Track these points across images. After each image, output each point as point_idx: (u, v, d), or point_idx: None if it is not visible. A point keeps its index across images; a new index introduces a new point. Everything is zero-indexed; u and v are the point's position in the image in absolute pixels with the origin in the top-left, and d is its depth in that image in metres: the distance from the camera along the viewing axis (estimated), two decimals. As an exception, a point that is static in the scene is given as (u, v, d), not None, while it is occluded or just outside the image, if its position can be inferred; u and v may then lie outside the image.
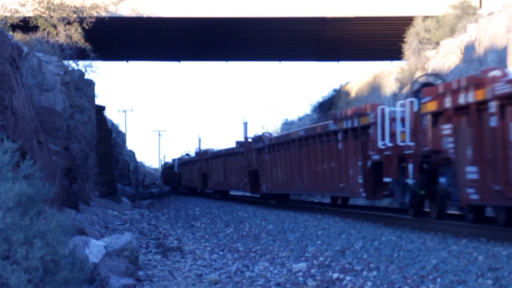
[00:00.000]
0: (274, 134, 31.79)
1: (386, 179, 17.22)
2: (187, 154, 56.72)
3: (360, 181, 18.95)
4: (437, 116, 14.55)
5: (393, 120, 17.11)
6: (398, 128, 16.66)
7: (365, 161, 18.67)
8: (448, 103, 13.79)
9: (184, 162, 54.03)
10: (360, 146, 19.07)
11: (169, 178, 68.46)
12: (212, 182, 41.21)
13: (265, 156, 28.61)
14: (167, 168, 72.51)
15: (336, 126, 20.90)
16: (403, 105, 16.64)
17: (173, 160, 63.20)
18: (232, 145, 35.03)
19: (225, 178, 37.45)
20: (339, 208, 22.67)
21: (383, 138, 17.41)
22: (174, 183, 62.03)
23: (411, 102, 16.00)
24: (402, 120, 16.46)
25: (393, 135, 16.96)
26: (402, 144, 16.34)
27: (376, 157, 17.89)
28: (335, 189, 21.70)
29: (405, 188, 16.10)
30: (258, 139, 29.91)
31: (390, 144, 17.06)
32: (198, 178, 45.73)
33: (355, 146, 19.54)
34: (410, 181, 15.76)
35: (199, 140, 52.33)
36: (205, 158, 42.85)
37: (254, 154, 30.17)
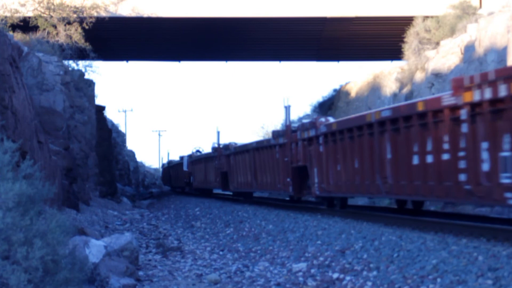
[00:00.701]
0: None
1: None
2: (198, 151, 49.85)
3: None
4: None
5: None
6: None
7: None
8: None
9: (197, 159, 45.99)
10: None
11: (175, 177, 61.91)
12: (235, 183, 33.63)
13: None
14: (172, 167, 66.35)
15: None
16: None
17: (181, 157, 56.56)
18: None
19: (254, 177, 30.00)
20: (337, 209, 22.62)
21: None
22: (182, 184, 55.34)
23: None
24: None
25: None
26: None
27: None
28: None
29: None
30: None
31: None
32: (215, 178, 38.38)
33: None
34: None
35: (218, 133, 38.85)
36: (227, 153, 34.86)
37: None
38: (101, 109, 41.01)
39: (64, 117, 27.75)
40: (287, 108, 25.61)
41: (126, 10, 38.25)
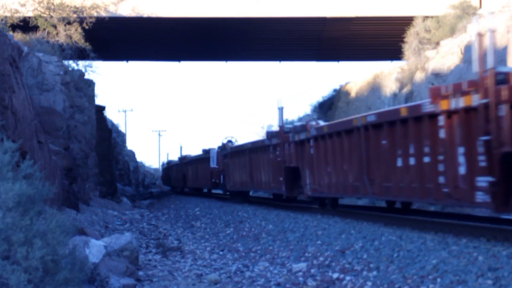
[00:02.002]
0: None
1: None
2: (230, 141, 37.65)
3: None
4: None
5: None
6: None
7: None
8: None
9: (235, 152, 33.62)
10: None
11: (192, 177, 50.18)
12: (316, 183, 23.32)
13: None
14: (179, 165, 57.93)
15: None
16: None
17: (205, 151, 43.98)
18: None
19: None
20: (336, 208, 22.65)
21: None
22: (202, 184, 45.35)
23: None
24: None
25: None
26: None
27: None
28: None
29: None
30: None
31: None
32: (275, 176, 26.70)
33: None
34: None
35: (281, 109, 26.50)
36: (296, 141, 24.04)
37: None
38: (101, 109, 41.01)
39: (64, 117, 27.75)
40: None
41: (126, 10, 38.26)
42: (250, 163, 30.13)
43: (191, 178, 50.91)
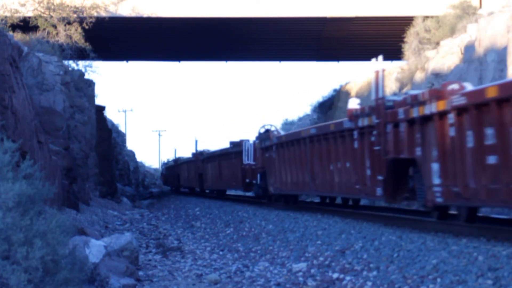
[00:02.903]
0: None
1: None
2: (267, 130, 29.59)
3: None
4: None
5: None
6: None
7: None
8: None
9: (289, 141, 25.46)
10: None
11: (213, 176, 41.66)
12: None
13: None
14: (192, 162, 49.18)
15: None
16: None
17: (234, 143, 35.95)
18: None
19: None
20: (335, 208, 22.69)
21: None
22: (235, 184, 36.12)
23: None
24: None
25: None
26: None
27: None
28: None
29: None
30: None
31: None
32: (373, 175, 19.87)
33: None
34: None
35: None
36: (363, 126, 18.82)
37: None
38: (101, 109, 41.02)
39: (64, 117, 27.75)
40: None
41: (126, 10, 38.24)
42: (311, 156, 23.06)
43: (212, 178, 42.21)
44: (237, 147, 34.14)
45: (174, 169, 62.72)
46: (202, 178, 45.26)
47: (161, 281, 12.77)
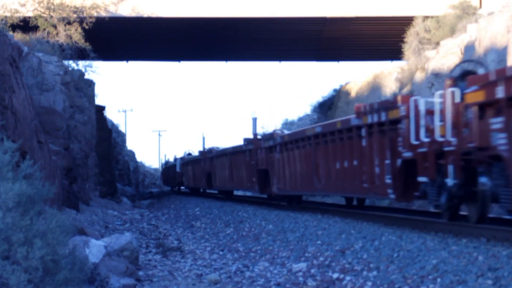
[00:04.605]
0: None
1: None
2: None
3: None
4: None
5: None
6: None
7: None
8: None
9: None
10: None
11: (226, 176, 36.28)
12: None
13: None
14: (200, 161, 43.93)
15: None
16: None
17: (247, 141, 31.38)
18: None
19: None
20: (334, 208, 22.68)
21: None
22: (250, 185, 30.96)
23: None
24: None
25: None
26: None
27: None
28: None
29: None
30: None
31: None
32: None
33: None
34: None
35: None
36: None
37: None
38: (101, 109, 41.02)
39: (64, 117, 27.75)
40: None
41: (126, 10, 38.24)
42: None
43: (221, 178, 38.20)
44: (251, 145, 30.71)
45: (182, 167, 55.53)
46: (210, 178, 40.73)
47: (161, 281, 12.77)
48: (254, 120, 30.52)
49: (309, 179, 22.65)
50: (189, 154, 55.90)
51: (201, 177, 44.12)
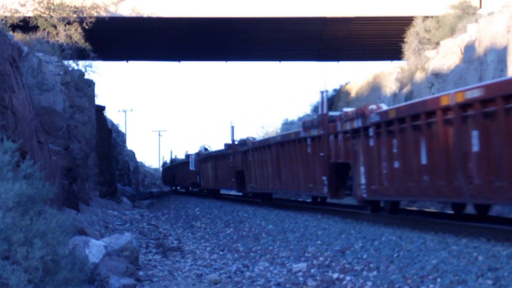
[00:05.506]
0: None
1: None
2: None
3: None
4: None
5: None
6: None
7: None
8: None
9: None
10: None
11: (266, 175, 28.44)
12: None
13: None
14: (213, 158, 39.37)
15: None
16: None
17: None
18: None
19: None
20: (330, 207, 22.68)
21: None
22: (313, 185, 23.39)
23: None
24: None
25: None
26: None
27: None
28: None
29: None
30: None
31: None
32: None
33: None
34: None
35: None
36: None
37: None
38: (101, 109, 40.99)
39: (64, 117, 27.74)
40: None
41: (126, 10, 38.25)
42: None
43: (259, 177, 29.92)
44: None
45: (199, 165, 45.60)
46: (243, 177, 31.90)
47: (161, 281, 12.77)
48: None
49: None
50: (206, 149, 46.85)
51: (229, 176, 35.36)
